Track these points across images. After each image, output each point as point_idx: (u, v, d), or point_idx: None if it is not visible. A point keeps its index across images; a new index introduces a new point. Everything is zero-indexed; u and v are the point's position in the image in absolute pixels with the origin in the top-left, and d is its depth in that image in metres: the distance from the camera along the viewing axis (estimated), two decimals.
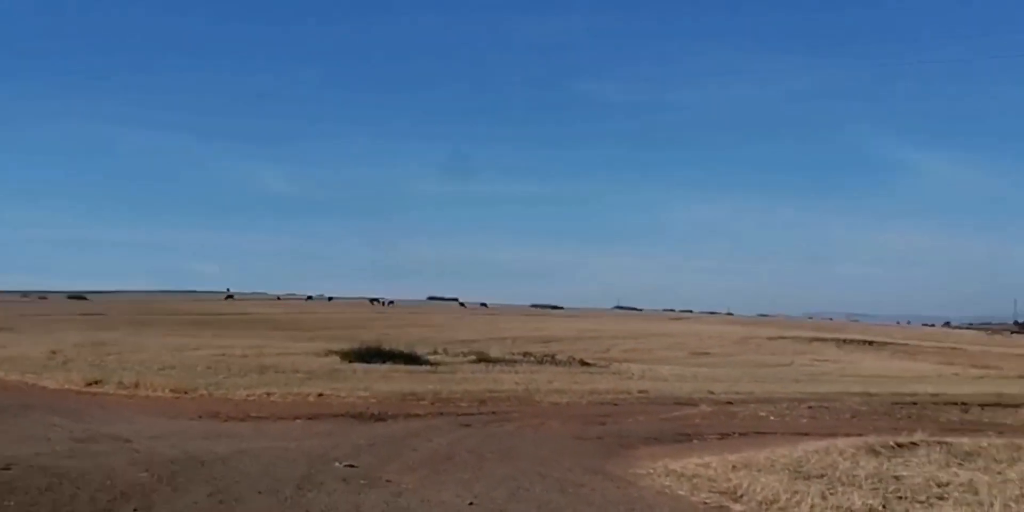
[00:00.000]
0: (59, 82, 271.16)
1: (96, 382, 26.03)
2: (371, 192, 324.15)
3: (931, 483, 9.85)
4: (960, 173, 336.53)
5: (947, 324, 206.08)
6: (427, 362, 35.19)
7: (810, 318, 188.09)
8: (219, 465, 11.64)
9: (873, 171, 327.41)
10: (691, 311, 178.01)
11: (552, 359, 40.10)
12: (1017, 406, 27.42)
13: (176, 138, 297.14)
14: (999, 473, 10.28)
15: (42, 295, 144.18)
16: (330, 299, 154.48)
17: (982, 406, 26.94)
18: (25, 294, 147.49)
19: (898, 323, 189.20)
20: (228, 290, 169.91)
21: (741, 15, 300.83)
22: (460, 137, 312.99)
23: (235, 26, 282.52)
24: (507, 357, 39.81)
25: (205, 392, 23.76)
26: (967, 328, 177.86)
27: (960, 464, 11.15)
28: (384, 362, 33.25)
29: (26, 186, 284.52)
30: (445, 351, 41.51)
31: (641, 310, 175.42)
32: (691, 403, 24.72)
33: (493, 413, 20.75)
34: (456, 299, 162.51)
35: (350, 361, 33.69)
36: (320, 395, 23.44)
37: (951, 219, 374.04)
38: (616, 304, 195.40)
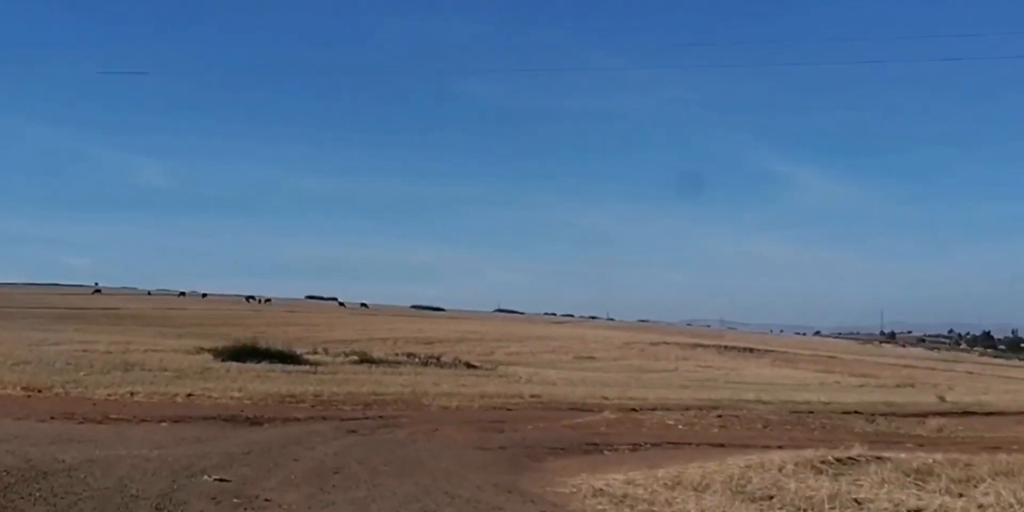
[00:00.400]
0: None
1: None
2: (249, 189, 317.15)
3: (901, 508, 8.59)
4: (831, 187, 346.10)
5: (817, 333, 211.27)
6: (306, 362, 33.35)
7: (688, 324, 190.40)
8: (64, 477, 9.79)
9: (749, 182, 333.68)
10: (572, 315, 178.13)
11: (437, 361, 38.62)
12: (918, 416, 26.93)
13: (47, 129, 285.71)
14: (972, 498, 9.05)
15: None
16: (204, 295, 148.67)
17: (884, 416, 26.32)
18: None
19: (771, 331, 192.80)
20: (96, 284, 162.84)
21: (622, 22, 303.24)
22: (340, 137, 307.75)
23: (110, 18, 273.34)
24: (390, 358, 38.17)
25: (61, 391, 21.49)
26: (837, 337, 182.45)
27: (917, 484, 9.94)
28: (260, 361, 31.30)
29: None
30: (325, 351, 39.67)
31: (523, 313, 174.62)
32: (589, 409, 23.45)
33: (380, 417, 19.08)
34: (335, 299, 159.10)
35: (223, 359, 31.65)
36: (189, 395, 21.42)
37: (821, 231, 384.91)
38: (497, 307, 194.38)
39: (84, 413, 17.38)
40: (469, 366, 38.90)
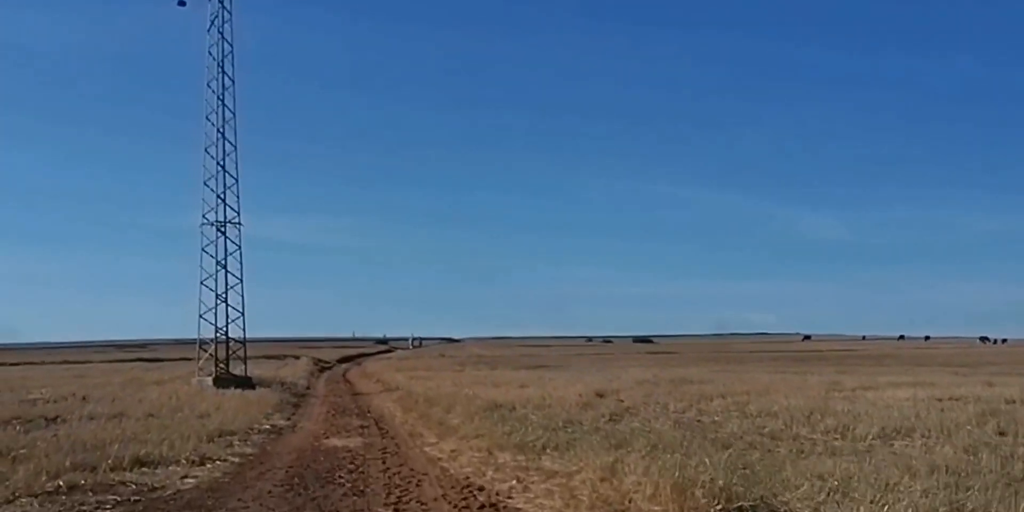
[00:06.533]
0: (622, 148, 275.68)
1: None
2: (924, 233, 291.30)
3: None
4: None
5: None
6: None
7: None
8: None
9: None
10: None
11: None
12: None
13: (729, 194, 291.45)
14: None
15: (607, 339, 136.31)
16: (926, 338, 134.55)
17: None
18: (589, 339, 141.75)
19: None
20: (802, 334, 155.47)
21: None
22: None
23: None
24: None
25: None
26: None
27: None
28: None
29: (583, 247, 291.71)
30: None
31: None
32: None
33: None
34: None
35: None
36: None
37: None
38: None
39: None
40: None
